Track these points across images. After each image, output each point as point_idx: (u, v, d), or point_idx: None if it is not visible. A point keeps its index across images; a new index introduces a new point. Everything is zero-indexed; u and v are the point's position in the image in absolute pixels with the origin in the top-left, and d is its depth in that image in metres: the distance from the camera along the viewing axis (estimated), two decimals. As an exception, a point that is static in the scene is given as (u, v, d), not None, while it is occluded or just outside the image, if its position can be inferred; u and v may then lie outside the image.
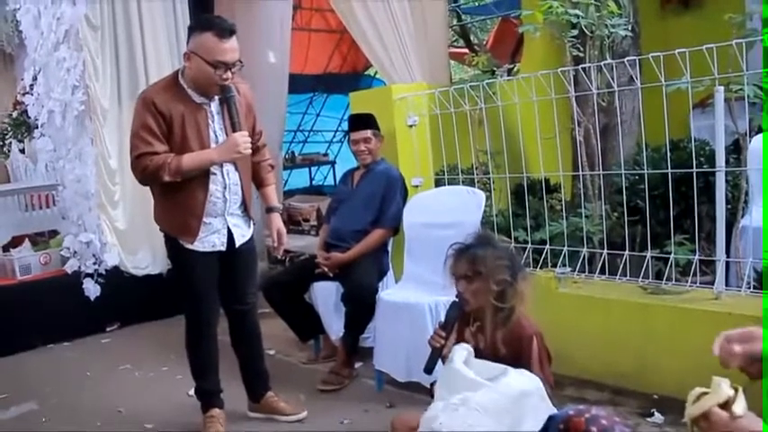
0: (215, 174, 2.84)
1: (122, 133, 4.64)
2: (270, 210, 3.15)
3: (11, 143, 7.55)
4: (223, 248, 2.93)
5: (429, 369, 2.32)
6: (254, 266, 3.20)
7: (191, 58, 2.74)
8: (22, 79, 5.58)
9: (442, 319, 2.38)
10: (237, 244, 2.96)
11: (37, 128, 5.35)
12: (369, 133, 3.83)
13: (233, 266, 3.01)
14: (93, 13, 4.66)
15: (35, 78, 5.05)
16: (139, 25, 4.82)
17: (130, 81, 4.83)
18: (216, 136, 2.87)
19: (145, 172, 2.75)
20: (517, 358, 2.12)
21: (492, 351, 2.19)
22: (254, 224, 3.10)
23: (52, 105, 4.86)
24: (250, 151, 2.87)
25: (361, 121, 3.89)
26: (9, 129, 7.61)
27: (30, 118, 5.98)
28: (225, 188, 2.88)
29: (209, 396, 3.11)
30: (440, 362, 2.29)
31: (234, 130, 2.81)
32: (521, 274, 2.21)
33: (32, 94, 5.17)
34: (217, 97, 2.85)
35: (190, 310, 3.03)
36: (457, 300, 2.31)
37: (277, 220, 3.13)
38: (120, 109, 4.77)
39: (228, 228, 2.93)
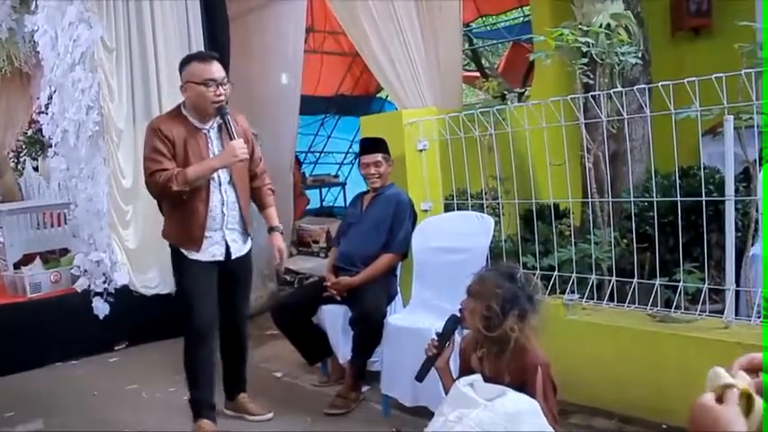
0: (213, 192, 3.18)
1: (136, 153, 4.67)
2: (272, 229, 3.47)
3: (25, 161, 7.65)
4: (222, 258, 3.25)
5: (420, 377, 2.39)
6: (248, 282, 3.52)
7: (186, 88, 3.17)
8: (38, 98, 5.65)
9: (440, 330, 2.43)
10: (233, 256, 3.28)
11: (51, 146, 5.41)
12: (379, 157, 3.83)
13: (229, 280, 3.32)
14: (108, 36, 4.73)
15: (50, 98, 5.11)
16: (154, 48, 4.88)
17: (144, 102, 4.88)
18: None
19: (158, 186, 3.09)
20: (521, 388, 2.12)
21: (496, 378, 2.19)
22: (251, 239, 3.40)
23: (66, 125, 4.91)
24: (247, 156, 3.20)
25: (372, 145, 3.89)
26: (24, 147, 7.73)
27: (44, 137, 6.06)
28: (223, 204, 3.21)
29: (201, 406, 3.27)
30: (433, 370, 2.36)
31: (231, 140, 3.13)
32: (514, 313, 2.19)
33: (47, 114, 5.23)
34: (216, 124, 3.21)
35: (189, 319, 3.23)
36: (457, 314, 2.36)
37: (278, 240, 3.45)
38: (134, 129, 4.82)
39: (226, 241, 3.24)
